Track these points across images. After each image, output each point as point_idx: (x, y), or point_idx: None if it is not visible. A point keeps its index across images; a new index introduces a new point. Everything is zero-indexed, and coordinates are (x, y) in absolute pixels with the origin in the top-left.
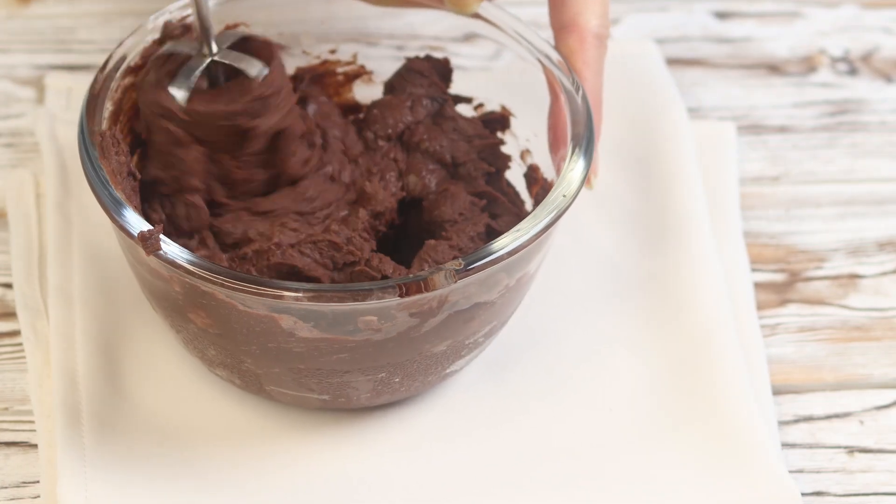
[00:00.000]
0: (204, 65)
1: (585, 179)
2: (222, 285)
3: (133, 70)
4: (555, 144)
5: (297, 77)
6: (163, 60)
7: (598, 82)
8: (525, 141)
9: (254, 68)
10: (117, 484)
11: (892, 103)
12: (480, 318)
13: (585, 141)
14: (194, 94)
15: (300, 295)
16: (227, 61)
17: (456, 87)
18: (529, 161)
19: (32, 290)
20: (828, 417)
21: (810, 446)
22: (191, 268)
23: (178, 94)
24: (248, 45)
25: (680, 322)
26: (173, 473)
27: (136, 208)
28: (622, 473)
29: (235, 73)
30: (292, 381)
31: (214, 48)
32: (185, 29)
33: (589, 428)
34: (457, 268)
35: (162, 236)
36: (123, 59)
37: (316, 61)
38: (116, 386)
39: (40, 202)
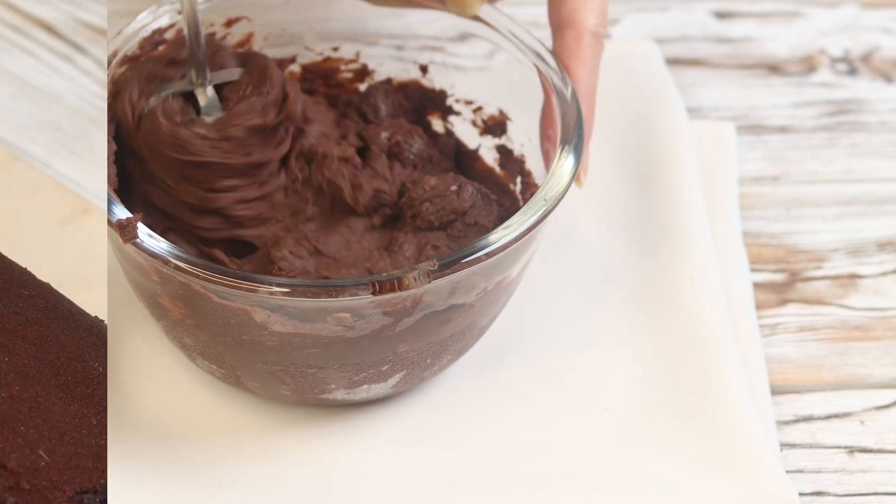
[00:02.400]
0: (211, 89)
1: (574, 179)
2: (197, 276)
3: (129, 59)
4: (545, 145)
5: (304, 72)
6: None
7: (592, 80)
8: (520, 146)
9: (235, 73)
10: (110, 479)
11: (892, 103)
12: (457, 319)
13: (575, 141)
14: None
15: (275, 289)
16: (219, 81)
17: (455, 88)
18: (523, 167)
19: None
20: (828, 417)
21: (810, 446)
22: (167, 258)
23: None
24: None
25: (677, 322)
26: (162, 469)
27: (116, 195)
28: (618, 473)
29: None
30: (267, 374)
31: (208, 75)
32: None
33: (585, 427)
34: (431, 268)
35: (140, 224)
36: (116, 52)
37: (319, 58)
38: (111, 382)
39: None
